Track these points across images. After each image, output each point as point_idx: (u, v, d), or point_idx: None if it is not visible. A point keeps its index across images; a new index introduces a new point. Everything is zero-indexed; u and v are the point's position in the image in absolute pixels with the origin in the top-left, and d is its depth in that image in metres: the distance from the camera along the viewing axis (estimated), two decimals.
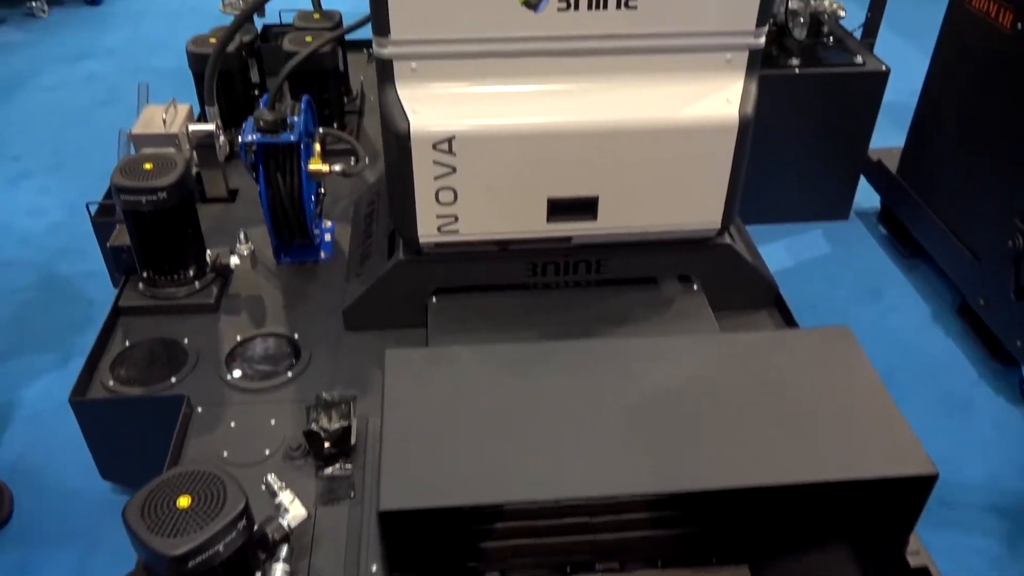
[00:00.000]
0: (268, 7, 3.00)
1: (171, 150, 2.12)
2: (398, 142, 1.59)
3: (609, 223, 1.73)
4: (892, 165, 2.66)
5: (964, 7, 2.21)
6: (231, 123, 2.50)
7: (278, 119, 1.82)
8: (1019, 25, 2.01)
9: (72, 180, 3.02)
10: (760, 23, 1.59)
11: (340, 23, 2.66)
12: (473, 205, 1.68)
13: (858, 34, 2.70)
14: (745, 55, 1.63)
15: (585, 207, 1.71)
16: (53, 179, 3.03)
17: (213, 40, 2.41)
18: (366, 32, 3.64)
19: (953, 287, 2.47)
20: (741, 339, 1.55)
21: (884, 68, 2.46)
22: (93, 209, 2.20)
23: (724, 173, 1.70)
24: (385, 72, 1.59)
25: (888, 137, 2.80)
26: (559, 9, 1.54)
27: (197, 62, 2.39)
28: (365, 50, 3.12)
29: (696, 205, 1.74)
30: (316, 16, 2.66)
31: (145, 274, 1.94)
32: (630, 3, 1.54)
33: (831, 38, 2.56)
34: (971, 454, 2.13)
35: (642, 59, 1.62)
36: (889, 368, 2.23)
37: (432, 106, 1.59)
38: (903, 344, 2.34)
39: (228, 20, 2.30)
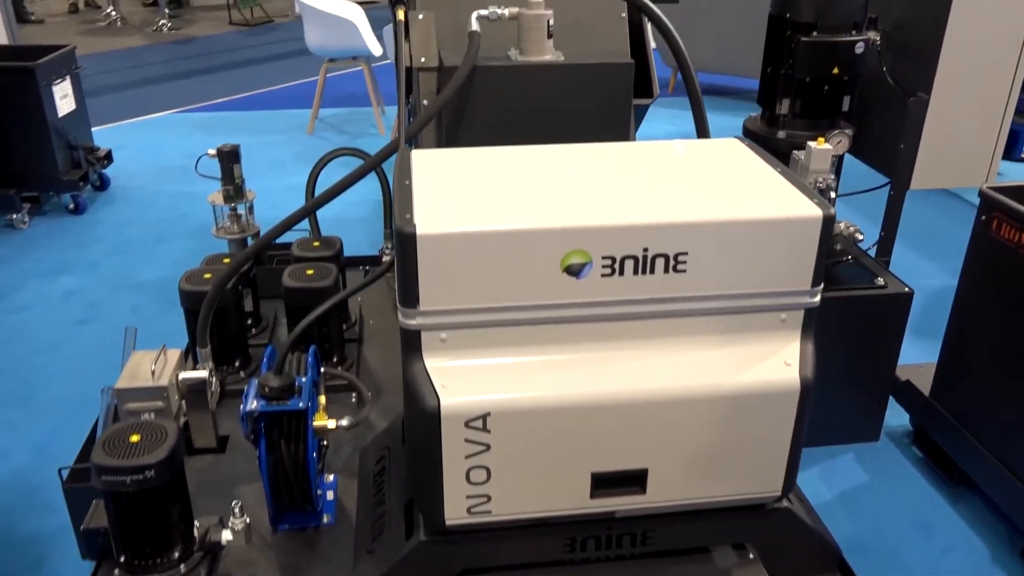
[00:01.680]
0: (261, 225, 2.93)
1: (159, 404, 1.93)
2: (426, 420, 1.42)
3: (659, 496, 1.54)
4: (921, 384, 2.54)
5: (990, 236, 2.16)
6: (223, 360, 2.33)
7: (286, 384, 1.64)
8: None
9: (41, 415, 2.78)
10: (815, 282, 1.48)
11: (340, 251, 2.56)
12: (508, 484, 1.49)
13: (872, 252, 2.66)
14: (801, 314, 1.52)
15: (633, 480, 1.52)
16: (19, 413, 2.80)
17: (208, 275, 2.28)
18: (363, 250, 3.55)
19: (1009, 523, 2.28)
20: None
21: (907, 290, 2.39)
22: (65, 474, 1.96)
23: (785, 438, 1.54)
24: (411, 343, 1.44)
25: (910, 352, 2.69)
26: (603, 275, 1.42)
27: (190, 300, 2.24)
28: (361, 267, 3.01)
29: (755, 473, 1.57)
30: (316, 244, 2.55)
31: (123, 558, 1.69)
32: (679, 267, 1.43)
33: (849, 258, 2.49)
34: None
35: (691, 322, 1.49)
36: None
37: (465, 379, 1.43)
38: None
39: (220, 216, 2.18)
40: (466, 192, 1.50)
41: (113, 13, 9.27)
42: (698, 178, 1.56)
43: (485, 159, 1.66)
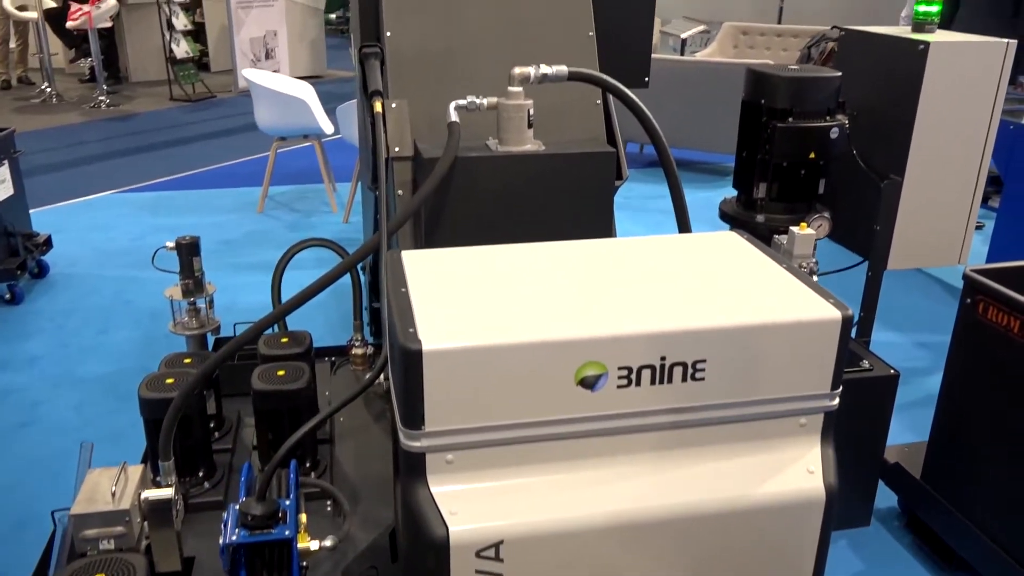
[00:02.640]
0: (223, 322, 2.78)
1: (121, 530, 1.75)
2: (433, 551, 1.29)
3: None
4: (910, 466, 2.50)
5: (977, 317, 2.16)
6: (186, 471, 2.16)
7: (269, 512, 1.50)
8: None
9: None
10: (835, 385, 1.43)
11: (311, 347, 2.43)
12: None
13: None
14: (820, 418, 1.45)
15: None
16: None
17: (170, 380, 2.12)
18: (330, 339, 3.41)
19: None
20: None
21: (893, 372, 2.36)
22: None
23: (811, 550, 1.46)
24: (414, 467, 1.33)
25: (894, 430, 2.66)
26: (619, 387, 1.33)
27: (151, 409, 2.08)
28: (328, 359, 2.88)
29: None
30: (284, 340, 2.42)
31: None
32: (697, 375, 1.36)
33: None
34: None
35: (709, 431, 1.41)
36: None
37: (474, 504, 1.32)
38: None
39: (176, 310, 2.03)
40: (468, 299, 1.41)
41: (48, 89, 9.04)
42: (707, 278, 1.51)
43: (481, 260, 1.58)
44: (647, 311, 1.37)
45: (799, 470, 1.43)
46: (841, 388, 1.44)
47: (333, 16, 13.30)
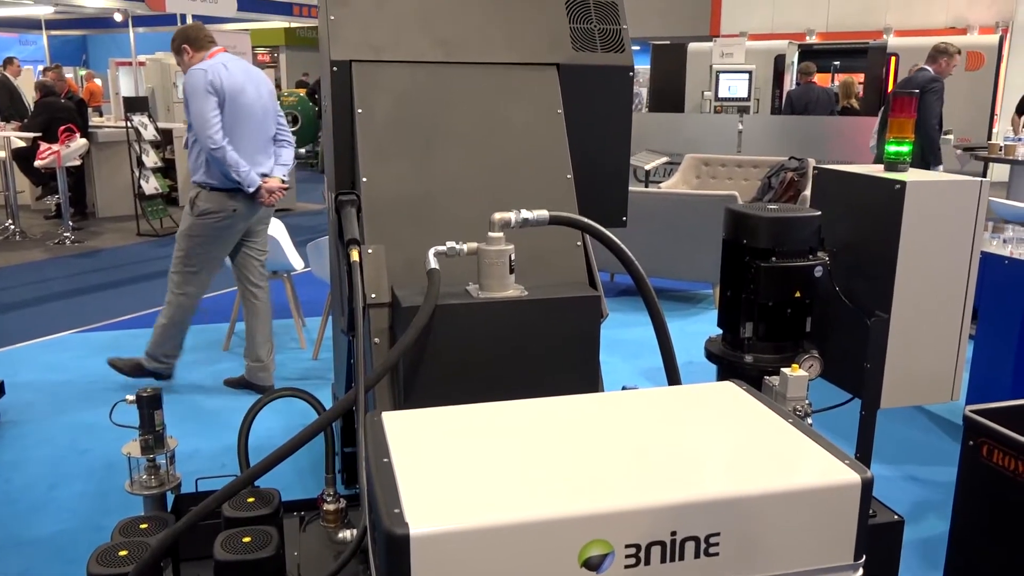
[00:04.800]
0: (185, 478, 2.60)
1: None
2: None
3: None
4: None
5: (981, 461, 2.07)
6: None
7: None
8: None
9: None
10: (858, 555, 1.31)
11: (279, 507, 2.26)
12: None
13: None
14: None
15: None
16: None
17: (124, 553, 1.93)
18: (299, 488, 3.23)
19: None
20: None
21: (897, 518, 2.25)
22: None
23: None
24: None
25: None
26: (627, 567, 1.21)
27: None
28: (297, 514, 2.69)
29: None
30: (250, 500, 2.25)
31: None
32: (711, 550, 1.24)
33: None
34: None
35: None
36: None
37: None
38: None
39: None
40: (457, 471, 1.29)
41: (11, 226, 8.97)
42: (712, 438, 1.41)
43: (468, 421, 1.47)
44: (653, 480, 1.26)
45: None
46: (865, 558, 1.32)
47: (303, 150, 13.57)
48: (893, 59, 11.63)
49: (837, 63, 13.22)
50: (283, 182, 4.26)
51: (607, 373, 2.29)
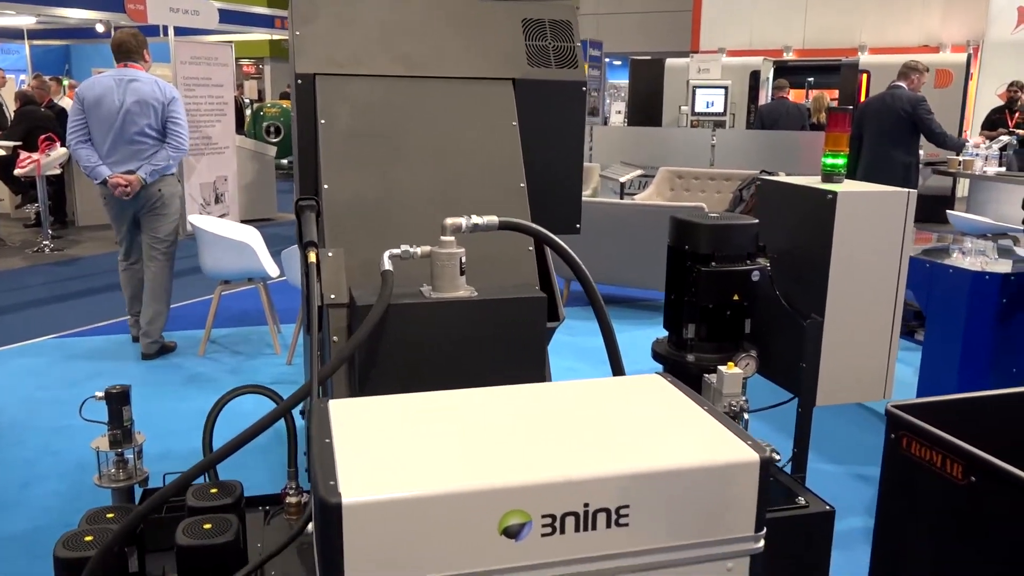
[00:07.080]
0: (157, 478, 2.69)
1: None
2: None
3: None
4: None
5: (901, 453, 2.20)
6: None
7: None
8: (971, 478, 1.99)
9: None
10: (759, 527, 1.44)
11: (241, 497, 2.36)
12: None
13: (787, 469, 2.68)
14: (747, 561, 1.45)
15: None
16: None
17: (89, 538, 2.03)
18: (271, 486, 3.32)
19: None
20: None
21: (828, 508, 2.37)
22: None
23: None
24: None
25: (840, 568, 2.64)
26: (543, 535, 1.33)
27: (68, 569, 1.98)
28: (261, 508, 2.78)
29: None
30: (213, 491, 2.35)
31: None
32: (621, 520, 1.36)
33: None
34: None
35: None
36: None
37: None
38: None
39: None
40: (392, 449, 1.41)
41: None
42: (630, 422, 1.53)
43: (408, 408, 1.59)
44: (569, 457, 1.38)
45: None
46: (765, 530, 1.45)
47: (285, 161, 13.65)
48: (864, 76, 11.88)
49: (811, 79, 13.46)
50: (143, 180, 4.92)
51: (575, 378, 2.42)
